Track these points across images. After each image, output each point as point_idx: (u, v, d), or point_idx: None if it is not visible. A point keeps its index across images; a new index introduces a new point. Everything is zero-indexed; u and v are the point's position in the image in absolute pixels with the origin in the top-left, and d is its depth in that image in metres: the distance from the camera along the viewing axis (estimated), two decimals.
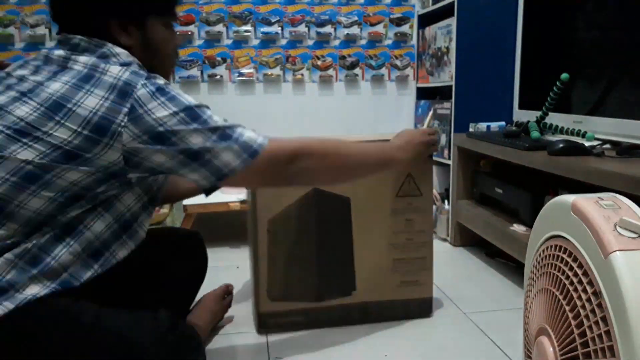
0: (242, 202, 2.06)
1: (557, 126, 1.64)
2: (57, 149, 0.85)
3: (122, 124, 0.87)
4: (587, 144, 1.41)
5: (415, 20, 2.53)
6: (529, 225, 1.55)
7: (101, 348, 0.88)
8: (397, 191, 1.34)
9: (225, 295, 1.41)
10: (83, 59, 0.91)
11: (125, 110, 0.87)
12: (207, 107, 0.95)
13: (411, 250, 1.37)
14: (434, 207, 2.20)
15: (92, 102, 0.86)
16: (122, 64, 0.92)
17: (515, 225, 1.61)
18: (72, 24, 0.96)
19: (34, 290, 0.84)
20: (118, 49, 0.96)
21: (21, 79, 0.90)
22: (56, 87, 0.87)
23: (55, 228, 0.88)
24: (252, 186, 1.08)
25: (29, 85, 0.88)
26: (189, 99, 0.94)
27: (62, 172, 0.85)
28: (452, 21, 2.09)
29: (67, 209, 0.87)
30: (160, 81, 0.93)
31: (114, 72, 0.89)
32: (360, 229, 1.33)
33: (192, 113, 0.91)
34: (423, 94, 2.53)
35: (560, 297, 0.78)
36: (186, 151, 0.90)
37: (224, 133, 0.93)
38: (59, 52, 0.93)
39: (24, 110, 0.86)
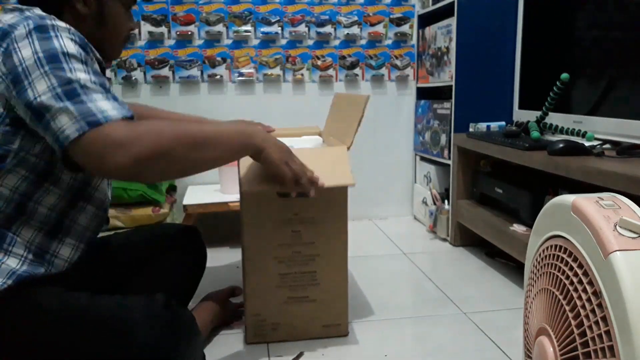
0: None
1: (557, 126, 1.64)
2: None
3: None
4: (587, 144, 1.41)
5: (415, 20, 2.53)
6: (529, 225, 1.55)
7: (94, 326, 0.87)
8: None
9: (229, 297, 1.38)
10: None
11: (1, 50, 0.83)
12: (85, 63, 0.86)
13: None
14: (434, 207, 2.21)
15: None
16: (19, 10, 0.90)
17: (515, 225, 1.61)
18: None
19: (13, 263, 0.85)
20: (37, 10, 0.92)
21: None
22: None
23: (6, 208, 0.87)
24: (95, 168, 0.83)
25: None
26: (67, 45, 0.85)
27: None
28: (452, 21, 2.09)
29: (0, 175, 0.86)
30: (52, 22, 0.86)
31: (5, 18, 0.87)
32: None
33: (54, 56, 0.83)
34: (423, 94, 2.53)
35: (560, 297, 0.78)
36: (30, 105, 0.81)
37: (73, 90, 0.82)
38: None
39: None
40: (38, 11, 0.91)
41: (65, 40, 0.85)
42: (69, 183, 0.93)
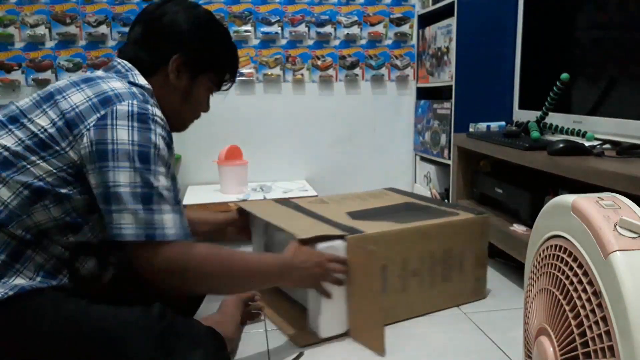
0: (242, 202, 2.06)
1: (557, 126, 1.64)
2: (33, 136, 0.87)
3: (88, 127, 0.87)
4: (587, 144, 1.41)
5: (415, 20, 2.53)
6: (529, 225, 1.55)
7: (86, 336, 0.86)
8: None
9: (249, 302, 1.35)
10: (100, 72, 0.97)
11: (98, 115, 0.87)
12: (167, 165, 0.92)
13: None
14: None
15: (77, 98, 0.89)
16: (130, 83, 0.96)
17: (515, 225, 1.61)
18: (140, 42, 1.03)
19: (21, 281, 0.85)
20: (140, 77, 0.99)
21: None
22: (59, 83, 0.93)
23: (24, 236, 0.86)
24: (139, 271, 0.90)
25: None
26: (159, 144, 0.90)
27: (31, 162, 0.86)
28: (452, 21, 2.09)
29: (31, 208, 0.86)
30: (152, 111, 0.91)
31: (114, 85, 0.92)
32: None
33: (147, 153, 0.88)
34: (423, 94, 2.53)
35: (560, 297, 0.78)
36: (105, 186, 0.86)
37: (150, 194, 0.88)
38: (98, 72, 1.00)
39: (25, 101, 0.92)
40: (140, 77, 0.99)
41: (159, 139, 0.90)
42: (88, 238, 0.93)
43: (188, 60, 1.03)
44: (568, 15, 1.65)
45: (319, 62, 2.50)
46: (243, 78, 2.44)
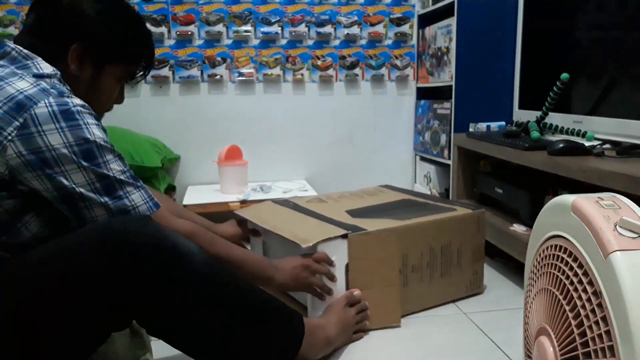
0: (242, 202, 2.06)
1: (557, 126, 1.64)
2: None
3: (9, 137, 0.81)
4: (587, 144, 1.41)
5: (415, 20, 2.53)
6: (529, 225, 1.55)
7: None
8: None
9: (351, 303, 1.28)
10: None
11: (17, 124, 0.81)
12: (113, 151, 0.89)
13: None
14: None
15: None
16: (36, 76, 0.87)
17: (515, 225, 1.61)
18: (35, 29, 0.93)
19: None
20: (44, 64, 0.90)
21: None
22: None
23: None
24: None
25: None
26: (96, 133, 0.86)
27: None
28: (452, 21, 2.09)
29: None
30: (74, 102, 0.86)
31: (20, 85, 0.84)
32: None
33: (89, 150, 0.85)
34: (423, 94, 2.53)
35: (560, 297, 0.78)
36: (62, 189, 0.84)
37: (110, 184, 0.87)
38: None
39: None
40: (44, 66, 0.90)
41: (93, 128, 0.86)
42: (24, 239, 0.90)
43: (90, 49, 0.94)
44: (568, 15, 1.65)
45: (319, 62, 2.50)
46: (243, 78, 2.44)
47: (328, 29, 2.47)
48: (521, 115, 1.90)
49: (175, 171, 2.47)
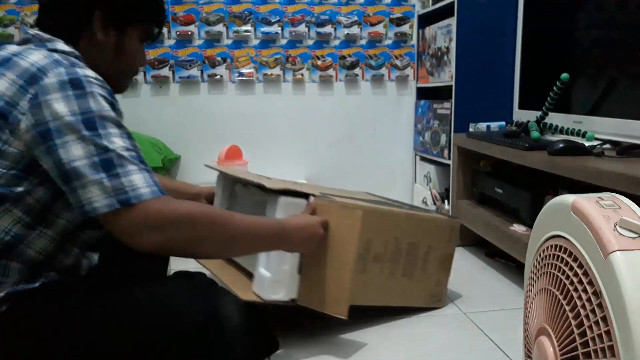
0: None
1: (557, 126, 1.64)
2: None
3: (22, 110, 0.81)
4: (587, 144, 1.41)
5: (415, 20, 2.53)
6: (529, 225, 1.55)
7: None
8: None
9: None
10: (13, 47, 0.88)
11: (29, 96, 0.81)
12: (120, 126, 0.86)
13: None
14: (434, 207, 2.21)
15: (1, 85, 0.82)
16: (50, 49, 0.87)
17: (515, 225, 1.61)
18: (53, 6, 0.94)
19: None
20: (61, 45, 0.90)
21: None
22: None
23: None
24: (123, 240, 0.84)
25: None
26: (102, 105, 0.84)
27: None
28: (452, 21, 2.09)
29: None
30: (85, 73, 0.85)
31: (33, 58, 0.84)
32: None
33: (92, 120, 0.82)
34: (423, 94, 2.53)
35: (560, 297, 0.78)
36: (61, 166, 0.80)
37: (109, 159, 0.81)
38: (10, 47, 0.90)
39: None
40: (62, 45, 0.90)
41: (100, 99, 0.84)
42: (63, 226, 0.90)
43: (111, 13, 0.96)
44: (568, 15, 1.65)
45: (319, 62, 2.50)
46: (243, 78, 2.44)
47: (328, 29, 2.47)
48: (521, 115, 1.90)
49: (175, 171, 2.47)
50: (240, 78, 2.44)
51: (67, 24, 0.93)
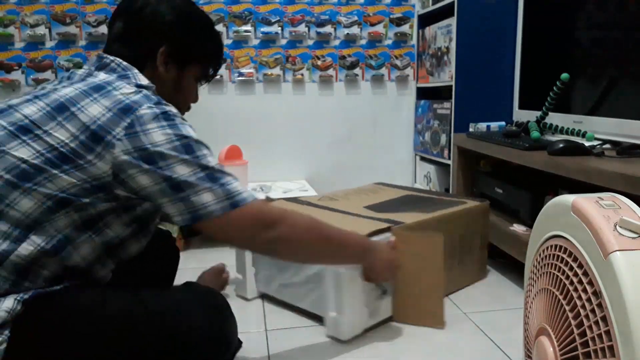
0: None
1: (557, 126, 1.64)
2: (52, 149, 0.86)
3: (118, 136, 0.88)
4: (587, 144, 1.41)
5: (415, 20, 2.53)
6: (529, 225, 1.55)
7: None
8: None
9: (222, 272, 1.51)
10: (103, 75, 0.96)
11: (124, 124, 0.88)
12: (206, 147, 0.96)
13: None
14: None
15: (95, 110, 0.89)
16: (138, 86, 0.95)
17: (515, 225, 1.61)
18: (124, 37, 1.01)
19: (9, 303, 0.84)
20: (140, 76, 0.99)
21: (43, 87, 0.95)
22: (66, 91, 0.91)
23: (46, 243, 0.87)
24: (228, 241, 0.98)
25: (44, 91, 0.93)
26: (191, 131, 0.94)
27: (53, 175, 0.86)
28: (452, 21, 2.09)
29: (54, 215, 0.87)
30: (170, 108, 0.94)
31: (125, 90, 0.92)
32: None
33: (188, 145, 0.92)
34: (423, 94, 2.53)
35: (560, 297, 0.78)
36: (169, 180, 0.89)
37: (212, 174, 0.92)
38: (85, 68, 0.99)
39: (31, 109, 0.89)
40: (141, 77, 0.99)
41: (189, 128, 0.94)
42: (110, 237, 0.95)
43: (174, 50, 1.03)
44: (568, 15, 1.65)
45: (319, 62, 2.50)
46: (243, 78, 2.44)
47: (328, 29, 2.47)
48: (521, 115, 1.90)
49: None
50: (240, 78, 2.44)
51: (135, 55, 1.00)
